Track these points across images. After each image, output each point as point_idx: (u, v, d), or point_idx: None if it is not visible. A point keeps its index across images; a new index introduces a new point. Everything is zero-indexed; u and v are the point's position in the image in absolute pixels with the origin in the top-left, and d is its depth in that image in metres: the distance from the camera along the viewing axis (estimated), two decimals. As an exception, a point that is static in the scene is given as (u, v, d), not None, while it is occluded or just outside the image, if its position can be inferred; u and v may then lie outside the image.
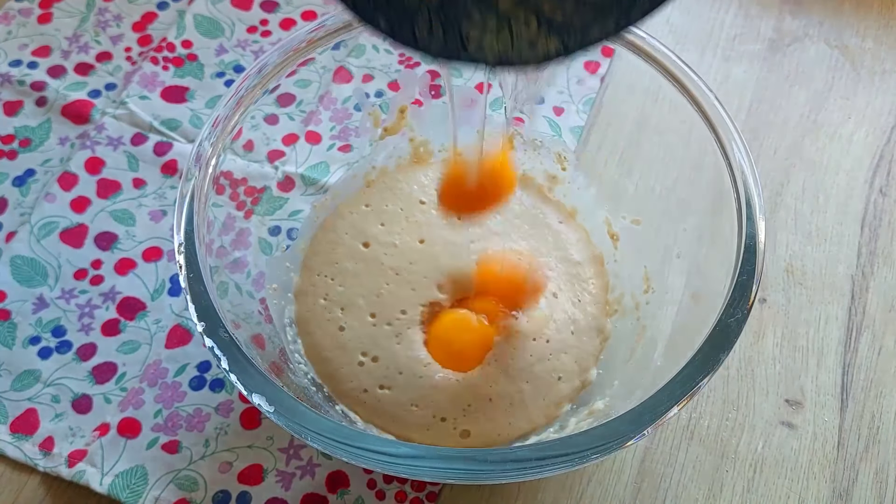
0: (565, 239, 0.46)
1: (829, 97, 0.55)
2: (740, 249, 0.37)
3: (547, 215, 0.47)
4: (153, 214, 0.50)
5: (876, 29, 0.58)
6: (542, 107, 0.53)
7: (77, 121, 0.54)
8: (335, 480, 0.43)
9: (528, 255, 0.44)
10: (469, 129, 0.49)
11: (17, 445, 0.44)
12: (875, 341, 0.47)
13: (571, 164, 0.48)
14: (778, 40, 0.58)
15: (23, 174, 0.52)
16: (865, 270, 0.49)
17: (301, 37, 0.43)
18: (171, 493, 0.42)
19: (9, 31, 0.57)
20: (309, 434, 0.33)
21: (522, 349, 0.42)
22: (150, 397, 0.45)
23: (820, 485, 0.43)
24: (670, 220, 0.44)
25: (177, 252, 0.37)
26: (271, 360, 0.39)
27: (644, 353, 0.41)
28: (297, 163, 0.50)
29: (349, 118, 0.50)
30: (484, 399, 0.41)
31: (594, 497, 0.43)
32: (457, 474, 0.32)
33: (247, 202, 0.44)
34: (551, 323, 0.43)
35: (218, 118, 0.41)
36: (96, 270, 0.48)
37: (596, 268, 0.46)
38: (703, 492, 0.43)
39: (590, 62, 0.54)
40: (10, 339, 0.46)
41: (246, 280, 0.42)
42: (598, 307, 0.44)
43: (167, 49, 0.57)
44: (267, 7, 0.59)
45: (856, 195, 0.52)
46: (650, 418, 0.33)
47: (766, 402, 0.45)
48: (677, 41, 0.58)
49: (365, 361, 0.42)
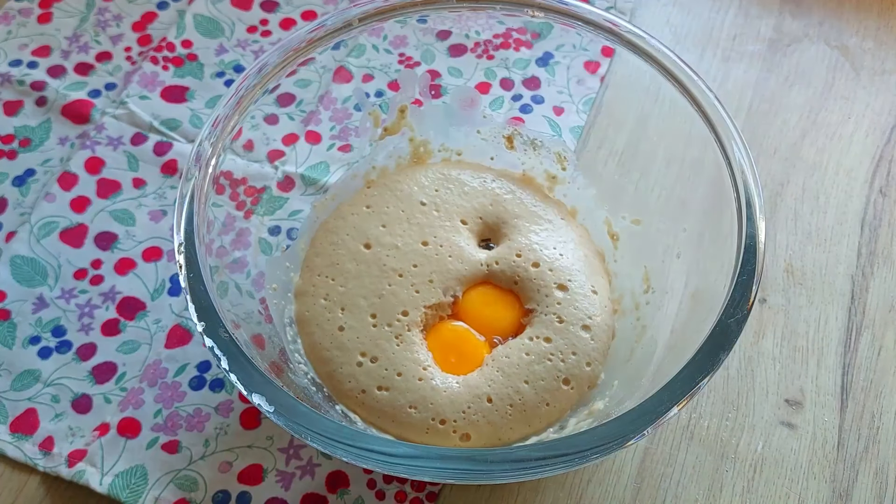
0: (570, 234, 0.46)
1: (829, 97, 0.55)
2: (740, 249, 0.37)
3: (548, 213, 0.47)
4: (153, 214, 0.50)
5: (876, 29, 0.58)
6: (542, 106, 0.53)
7: (77, 121, 0.54)
8: (335, 480, 0.43)
9: (511, 295, 0.45)
10: (469, 129, 0.49)
11: (17, 445, 0.44)
12: (875, 341, 0.47)
13: (571, 164, 0.48)
14: (778, 40, 0.58)
15: (23, 174, 0.52)
16: (865, 270, 0.49)
17: (301, 37, 0.43)
18: (170, 493, 0.42)
19: (9, 31, 0.57)
20: (309, 434, 0.33)
21: (519, 349, 0.42)
22: (150, 397, 0.45)
23: (820, 485, 0.43)
24: (670, 220, 0.44)
25: (177, 252, 0.37)
26: (271, 359, 0.39)
27: (644, 353, 0.41)
28: (297, 163, 0.50)
29: (349, 118, 0.50)
30: (482, 400, 0.41)
31: (594, 497, 0.43)
32: (457, 474, 0.32)
33: (247, 202, 0.44)
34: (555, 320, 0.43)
35: (218, 118, 0.41)
36: (96, 270, 0.48)
37: (601, 265, 0.46)
38: (703, 492, 0.43)
39: (590, 62, 0.54)
40: (10, 339, 0.46)
41: (246, 280, 0.42)
42: (606, 306, 0.44)
43: (167, 49, 0.57)
44: (267, 7, 0.59)
45: (856, 195, 0.52)
46: (650, 418, 0.33)
47: (766, 402, 0.45)
48: (677, 41, 0.58)
49: (364, 362, 0.42)
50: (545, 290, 0.44)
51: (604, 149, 0.52)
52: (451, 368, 0.42)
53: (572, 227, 0.47)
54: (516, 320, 0.44)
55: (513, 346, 0.42)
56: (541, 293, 0.44)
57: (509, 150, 0.49)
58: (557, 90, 0.54)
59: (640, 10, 0.59)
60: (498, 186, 0.47)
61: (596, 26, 0.43)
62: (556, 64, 0.54)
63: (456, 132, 0.49)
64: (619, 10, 0.58)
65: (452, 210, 0.46)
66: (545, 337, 0.42)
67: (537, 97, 0.54)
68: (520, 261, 0.44)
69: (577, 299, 0.43)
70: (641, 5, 0.59)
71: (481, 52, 0.54)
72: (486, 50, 0.55)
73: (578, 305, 0.43)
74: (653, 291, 0.44)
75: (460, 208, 0.46)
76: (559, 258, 0.45)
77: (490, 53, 0.54)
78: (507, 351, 0.42)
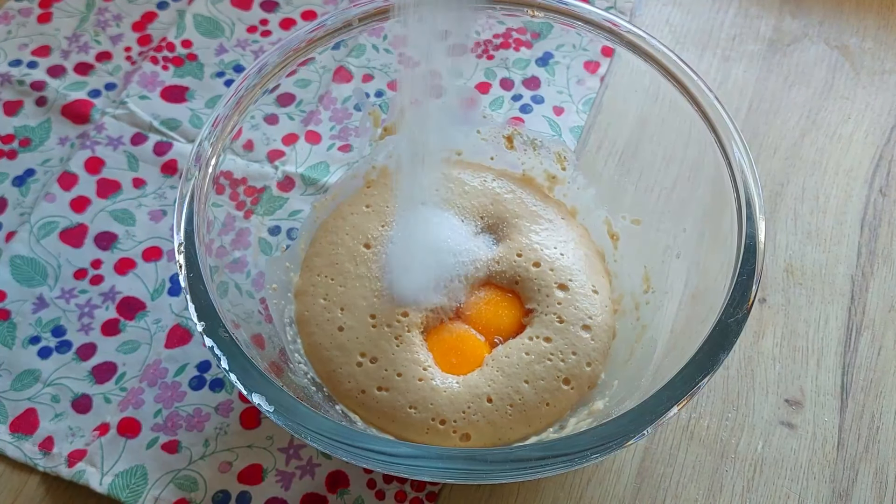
0: (571, 233, 0.46)
1: (829, 97, 0.55)
2: (740, 249, 0.37)
3: (548, 213, 0.47)
4: (153, 214, 0.50)
5: (876, 29, 0.58)
6: (542, 106, 0.53)
7: (77, 120, 0.54)
8: (335, 480, 0.43)
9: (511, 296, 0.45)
10: (469, 129, 0.49)
11: (16, 445, 0.44)
12: (875, 341, 0.47)
13: (571, 164, 0.48)
14: (778, 40, 0.58)
15: (23, 174, 0.52)
16: (865, 270, 0.49)
17: (301, 36, 0.43)
18: (170, 493, 0.42)
19: (9, 31, 0.57)
20: (309, 434, 0.33)
21: (518, 348, 0.42)
22: (150, 397, 0.45)
23: (820, 485, 0.43)
24: (670, 220, 0.44)
25: (177, 252, 0.37)
26: (271, 359, 0.39)
27: (644, 353, 0.41)
28: (297, 163, 0.50)
29: (349, 118, 0.50)
30: (482, 400, 0.41)
31: (594, 497, 0.43)
32: (457, 474, 0.32)
33: (247, 202, 0.44)
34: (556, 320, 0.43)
35: (218, 118, 0.41)
36: (96, 270, 0.48)
37: (602, 264, 0.46)
38: (703, 492, 0.43)
39: (590, 62, 0.54)
40: (10, 339, 0.46)
41: (246, 280, 0.42)
42: (606, 306, 0.44)
43: (167, 49, 0.57)
44: (267, 7, 0.59)
45: (855, 195, 0.52)
46: (650, 418, 0.33)
47: (766, 401, 0.45)
48: (677, 41, 0.58)
49: (363, 362, 0.42)
50: (546, 290, 0.44)
51: (603, 149, 0.52)
52: (451, 369, 0.42)
53: (573, 227, 0.47)
54: (517, 320, 0.44)
55: (513, 346, 0.42)
56: (541, 293, 0.44)
57: (509, 150, 0.49)
58: (557, 90, 0.54)
59: (640, 10, 0.59)
60: (498, 186, 0.47)
61: (596, 26, 0.43)
62: (556, 64, 0.54)
63: (456, 132, 0.49)
64: (619, 10, 0.58)
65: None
66: (545, 337, 0.42)
67: (537, 97, 0.54)
68: (520, 260, 0.44)
69: (578, 299, 0.43)
70: (641, 5, 0.59)
71: (481, 51, 0.54)
72: (486, 50, 0.55)
73: (579, 305, 0.43)
74: (653, 291, 0.44)
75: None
76: (560, 258, 0.45)
77: (490, 53, 0.54)
78: (508, 351, 0.42)
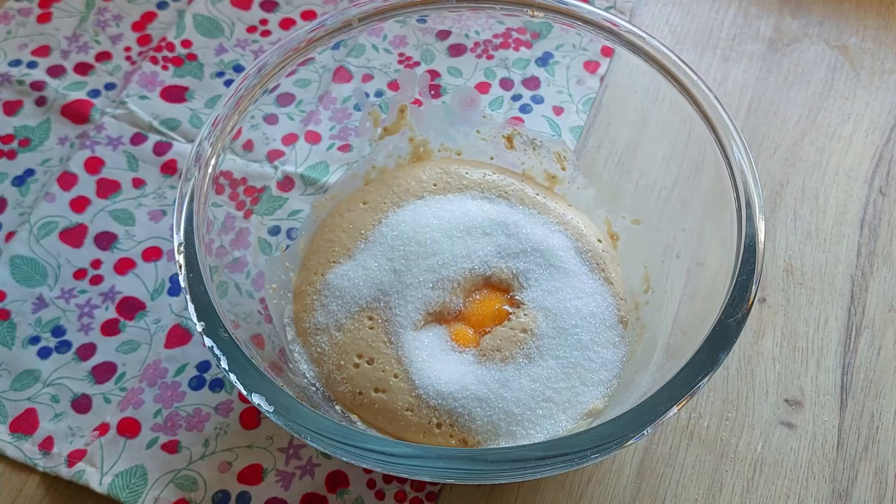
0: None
1: (829, 97, 0.56)
2: (740, 249, 0.37)
3: (550, 211, 0.47)
4: (153, 214, 0.50)
5: (876, 29, 0.58)
6: (541, 106, 0.53)
7: (77, 120, 0.54)
8: (335, 480, 0.43)
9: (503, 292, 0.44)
10: (469, 129, 0.49)
11: (16, 445, 0.44)
12: (875, 341, 0.47)
13: (571, 164, 0.48)
14: (777, 40, 0.58)
15: (22, 174, 0.52)
16: (865, 270, 0.49)
17: (301, 36, 0.43)
18: (170, 493, 0.42)
19: (8, 31, 0.57)
20: (308, 434, 0.33)
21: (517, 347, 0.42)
22: (150, 397, 0.45)
23: (820, 485, 0.43)
24: (670, 220, 0.44)
25: (176, 252, 0.37)
26: (271, 359, 0.39)
27: (644, 353, 0.41)
28: (297, 163, 0.50)
29: (349, 118, 0.50)
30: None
31: (594, 497, 0.43)
32: (457, 474, 0.32)
33: (246, 202, 0.44)
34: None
35: (217, 118, 0.41)
36: (96, 270, 0.48)
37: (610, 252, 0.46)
38: (703, 492, 0.43)
39: (590, 62, 0.54)
40: (10, 339, 0.46)
41: (245, 280, 0.42)
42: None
43: (167, 49, 0.57)
44: (267, 7, 0.59)
45: (855, 195, 0.52)
46: (650, 418, 0.33)
47: (766, 401, 0.45)
48: (677, 41, 0.58)
49: (360, 363, 0.42)
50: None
51: (603, 149, 0.52)
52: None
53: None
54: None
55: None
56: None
57: (509, 149, 0.49)
58: (557, 90, 0.54)
59: (640, 10, 0.59)
60: (499, 179, 0.47)
61: (596, 26, 0.43)
62: (556, 64, 0.54)
63: (455, 132, 0.49)
64: (618, 10, 0.58)
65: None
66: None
67: (537, 97, 0.54)
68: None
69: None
70: (641, 5, 0.59)
71: (481, 51, 0.54)
72: (486, 50, 0.55)
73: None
74: (653, 291, 0.44)
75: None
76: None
77: (490, 53, 0.54)
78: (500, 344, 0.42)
